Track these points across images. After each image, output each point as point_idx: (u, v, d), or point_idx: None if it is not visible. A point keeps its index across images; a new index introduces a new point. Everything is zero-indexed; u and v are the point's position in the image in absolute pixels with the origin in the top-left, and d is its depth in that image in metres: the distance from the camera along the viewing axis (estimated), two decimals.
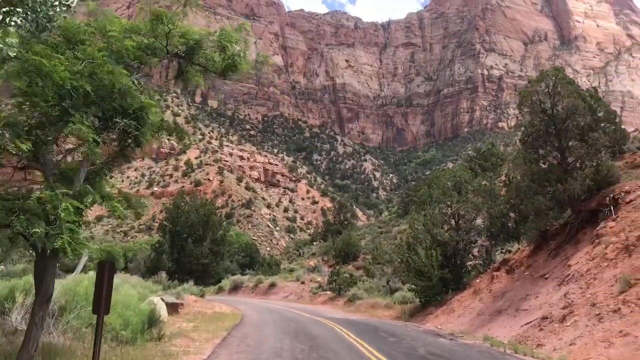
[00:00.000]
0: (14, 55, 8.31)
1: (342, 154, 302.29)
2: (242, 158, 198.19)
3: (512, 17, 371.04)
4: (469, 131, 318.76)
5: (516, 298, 22.89)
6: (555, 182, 23.74)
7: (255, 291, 61.59)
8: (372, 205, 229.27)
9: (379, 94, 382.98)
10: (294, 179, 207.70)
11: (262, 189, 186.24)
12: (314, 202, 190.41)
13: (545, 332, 17.66)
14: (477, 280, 29.94)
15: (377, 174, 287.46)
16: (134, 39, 10.67)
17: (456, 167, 58.35)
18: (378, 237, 79.39)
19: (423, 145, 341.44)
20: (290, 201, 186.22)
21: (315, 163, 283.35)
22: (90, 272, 20.12)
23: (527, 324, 19.45)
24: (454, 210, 32.50)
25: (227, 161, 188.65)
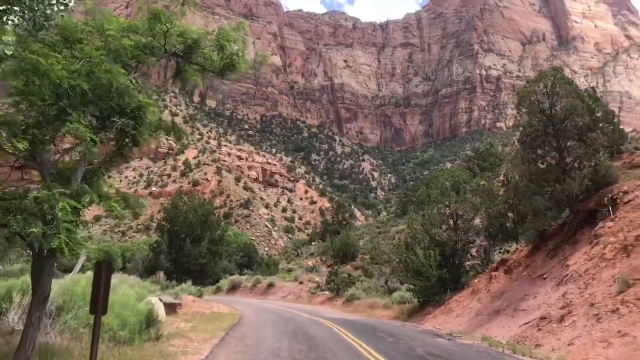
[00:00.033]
0: (10, 53, 8.27)
1: (341, 154, 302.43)
2: (240, 158, 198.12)
3: (510, 17, 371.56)
4: (467, 131, 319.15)
5: (514, 298, 22.88)
6: (553, 182, 23.74)
7: (254, 291, 61.54)
8: (371, 205, 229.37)
9: (377, 94, 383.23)
10: (292, 179, 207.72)
11: (260, 189, 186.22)
12: (312, 202, 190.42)
13: (543, 332, 17.65)
14: (476, 280, 29.92)
15: (376, 174, 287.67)
16: (132, 37, 10.61)
17: (454, 167, 58.31)
18: (376, 237, 79.32)
19: (421, 146, 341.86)
20: (289, 201, 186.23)
21: (313, 163, 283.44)
22: (88, 272, 20.06)
23: (526, 324, 19.44)
24: (452, 210, 32.49)
25: (225, 161, 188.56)
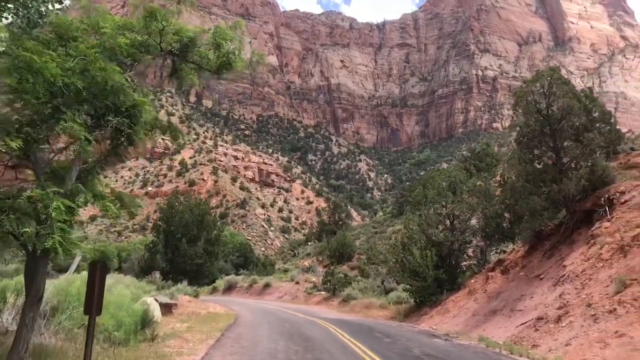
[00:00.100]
0: (2, 50, 8.16)
1: (337, 154, 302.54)
2: (236, 158, 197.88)
3: (506, 18, 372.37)
4: (463, 132, 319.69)
5: (511, 298, 22.85)
6: (550, 183, 23.72)
7: (250, 291, 61.45)
8: (367, 205, 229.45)
9: (374, 95, 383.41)
10: (288, 179, 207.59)
11: (256, 189, 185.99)
12: (309, 202, 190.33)
13: (540, 332, 17.62)
14: (472, 281, 29.90)
15: (372, 174, 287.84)
16: (127, 36, 10.52)
17: (451, 168, 58.39)
18: (373, 237, 79.31)
19: (417, 146, 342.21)
20: (285, 201, 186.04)
21: (310, 163, 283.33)
22: (83, 272, 19.88)
23: (523, 324, 19.41)
24: (448, 210, 32.47)
25: (221, 161, 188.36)
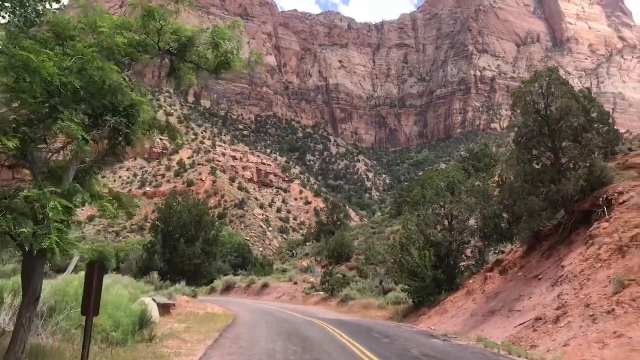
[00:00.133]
0: None
1: (335, 154, 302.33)
2: (234, 158, 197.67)
3: (504, 18, 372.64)
4: (461, 132, 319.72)
5: (509, 299, 22.85)
6: (548, 183, 23.73)
7: (248, 292, 61.38)
8: (365, 205, 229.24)
9: (372, 95, 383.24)
10: (286, 179, 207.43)
11: (254, 189, 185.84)
12: (307, 203, 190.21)
13: (539, 332, 17.61)
14: (470, 281, 29.90)
15: (370, 175, 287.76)
16: (125, 35, 10.47)
17: (449, 168, 58.43)
18: (371, 237, 79.32)
19: (416, 146, 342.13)
20: (283, 201, 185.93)
21: (308, 163, 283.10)
22: (81, 272, 19.84)
23: (521, 324, 19.40)
24: (447, 210, 32.47)
25: (219, 161, 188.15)
